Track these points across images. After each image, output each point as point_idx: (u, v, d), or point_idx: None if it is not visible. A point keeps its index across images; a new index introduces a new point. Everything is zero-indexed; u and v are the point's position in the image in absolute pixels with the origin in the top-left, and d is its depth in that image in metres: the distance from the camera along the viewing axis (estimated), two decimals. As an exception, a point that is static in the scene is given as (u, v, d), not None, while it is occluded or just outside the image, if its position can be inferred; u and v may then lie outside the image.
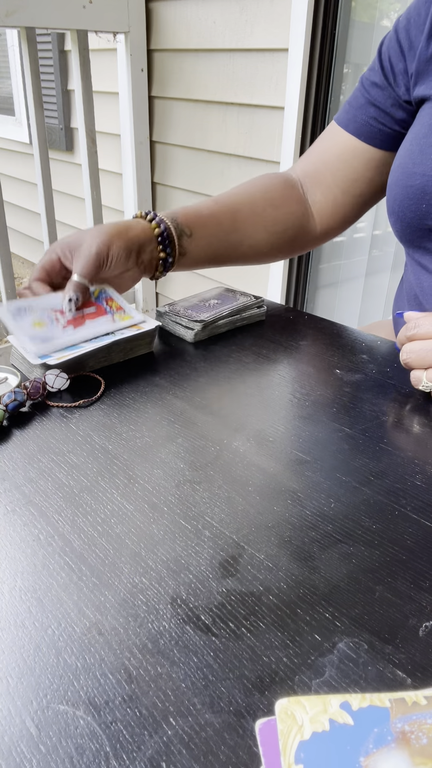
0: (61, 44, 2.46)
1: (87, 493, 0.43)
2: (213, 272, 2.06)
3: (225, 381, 0.59)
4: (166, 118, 2.02)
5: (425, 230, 0.65)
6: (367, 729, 0.27)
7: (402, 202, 0.66)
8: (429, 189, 0.62)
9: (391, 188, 0.68)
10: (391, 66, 0.69)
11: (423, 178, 0.63)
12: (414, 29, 0.66)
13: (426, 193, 0.63)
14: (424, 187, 0.62)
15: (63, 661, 0.31)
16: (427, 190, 0.62)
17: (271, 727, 0.27)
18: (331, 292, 1.88)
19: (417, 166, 0.63)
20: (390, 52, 0.69)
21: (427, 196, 0.63)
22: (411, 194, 0.64)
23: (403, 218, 0.67)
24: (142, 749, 0.27)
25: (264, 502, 0.42)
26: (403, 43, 0.67)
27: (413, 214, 0.65)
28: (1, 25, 1.54)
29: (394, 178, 0.67)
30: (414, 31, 0.66)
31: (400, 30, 0.68)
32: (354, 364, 0.62)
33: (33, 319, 0.60)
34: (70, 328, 0.60)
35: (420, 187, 0.63)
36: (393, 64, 0.69)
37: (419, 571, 0.37)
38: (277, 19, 1.58)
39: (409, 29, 0.66)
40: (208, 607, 0.34)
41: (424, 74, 0.65)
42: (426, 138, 0.63)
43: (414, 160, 0.64)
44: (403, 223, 0.67)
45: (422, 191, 0.63)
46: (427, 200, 0.63)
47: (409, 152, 0.65)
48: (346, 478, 0.45)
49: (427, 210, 0.63)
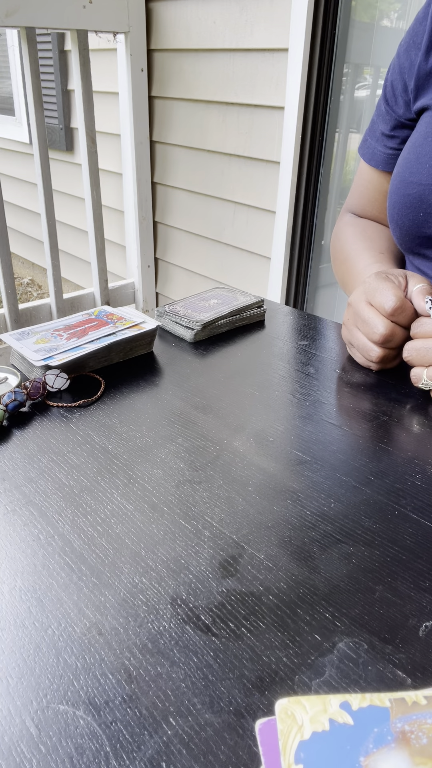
0: (61, 44, 2.46)
1: (87, 493, 0.43)
2: (213, 272, 2.06)
3: (225, 381, 0.59)
4: (166, 118, 2.02)
5: (423, 238, 0.65)
6: (367, 729, 0.27)
7: (400, 210, 0.66)
8: (426, 198, 0.63)
9: (391, 196, 0.68)
10: (392, 89, 0.71)
11: (419, 188, 0.63)
12: (413, 49, 0.67)
13: (423, 201, 0.63)
14: (421, 195, 0.63)
15: (63, 661, 0.31)
16: (424, 198, 0.63)
17: (271, 727, 0.27)
18: (331, 292, 1.88)
19: (413, 175, 0.64)
20: (393, 76, 0.71)
21: (424, 205, 0.63)
22: (408, 203, 0.65)
23: (401, 226, 0.67)
24: (142, 749, 0.27)
25: (264, 502, 0.42)
26: (403, 65, 0.68)
27: (411, 222, 0.65)
28: (1, 25, 1.54)
29: (393, 187, 0.68)
30: (413, 50, 0.67)
31: (402, 54, 0.69)
32: (354, 364, 0.62)
33: (36, 338, 0.61)
34: (74, 340, 0.61)
35: (417, 195, 0.63)
36: (394, 87, 0.70)
37: (419, 571, 0.37)
38: (277, 19, 1.58)
39: (410, 50, 0.68)
40: (208, 607, 0.34)
41: (424, 87, 0.66)
42: (422, 147, 0.64)
43: (411, 169, 0.65)
44: (402, 230, 0.67)
45: (419, 200, 0.63)
46: (424, 209, 0.63)
47: (407, 161, 0.66)
48: (346, 478, 0.45)
49: (424, 218, 0.64)
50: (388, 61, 1.55)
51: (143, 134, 2.04)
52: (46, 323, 0.65)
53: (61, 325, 0.64)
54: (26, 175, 3.07)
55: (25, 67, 1.64)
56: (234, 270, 1.99)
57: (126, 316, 0.66)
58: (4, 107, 3.16)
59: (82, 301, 2.04)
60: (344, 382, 0.59)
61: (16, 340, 0.61)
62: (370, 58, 1.57)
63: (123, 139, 2.08)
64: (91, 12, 1.71)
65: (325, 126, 1.66)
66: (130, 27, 1.86)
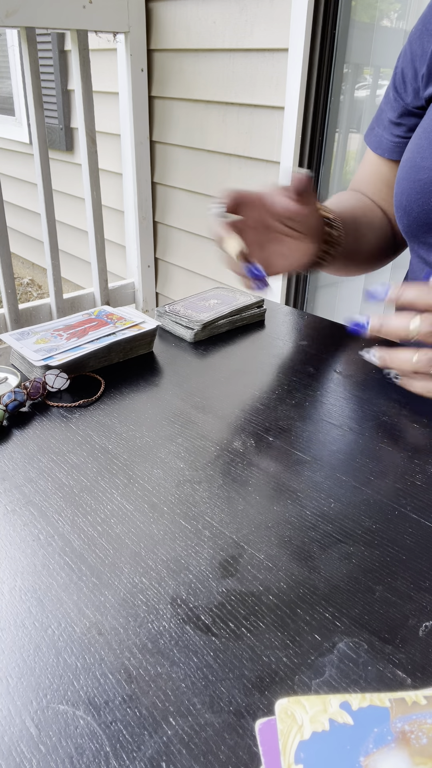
0: (61, 44, 2.46)
1: (87, 493, 0.43)
2: (213, 272, 2.06)
3: (225, 381, 0.59)
4: (166, 118, 2.02)
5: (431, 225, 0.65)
6: (367, 729, 0.27)
7: (410, 196, 0.65)
8: None
9: (399, 182, 0.67)
10: (402, 77, 0.70)
11: (430, 172, 0.62)
12: (426, 36, 0.66)
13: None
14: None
15: (63, 661, 0.31)
16: None
17: (271, 727, 0.27)
18: (331, 292, 1.88)
19: (425, 159, 0.63)
20: (403, 63, 0.70)
21: None
22: (419, 188, 0.64)
23: (410, 213, 0.66)
24: (142, 749, 0.27)
25: (264, 502, 0.42)
26: (415, 52, 0.68)
27: (420, 208, 0.64)
28: (1, 25, 1.54)
29: (402, 173, 0.67)
30: (426, 37, 0.66)
31: (414, 41, 0.69)
32: (354, 364, 0.62)
33: (36, 338, 0.61)
34: (74, 340, 0.60)
35: (428, 181, 0.62)
36: (404, 74, 0.70)
37: (419, 571, 0.37)
38: (277, 19, 1.58)
39: (423, 37, 0.67)
40: (208, 607, 0.34)
41: None
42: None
43: (423, 154, 0.64)
44: (410, 217, 0.67)
45: (430, 185, 0.62)
46: None
47: (418, 146, 0.65)
48: (346, 478, 0.45)
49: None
50: (388, 61, 1.56)
51: (143, 134, 2.04)
52: (46, 323, 0.65)
53: (61, 325, 0.64)
54: (26, 175, 3.07)
55: (25, 67, 1.64)
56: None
57: (126, 316, 0.66)
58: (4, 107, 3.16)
59: (82, 301, 2.04)
60: (344, 382, 0.59)
61: (16, 340, 0.61)
62: (370, 58, 1.57)
63: (123, 139, 2.08)
64: (91, 12, 1.71)
65: (325, 126, 1.66)
66: (130, 27, 1.86)
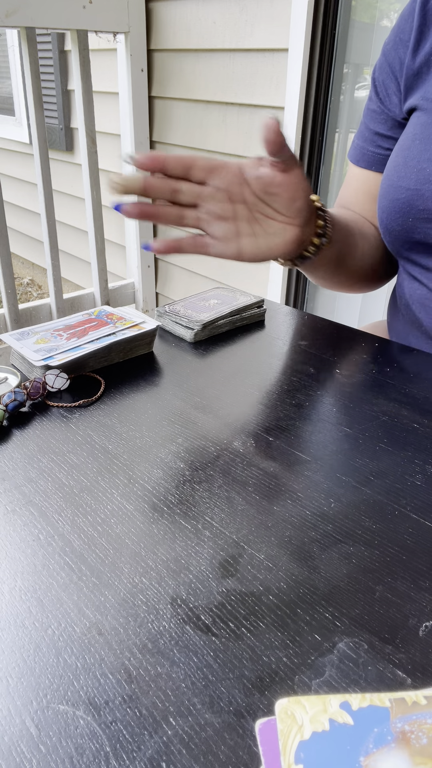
0: (61, 44, 2.46)
1: (87, 493, 0.43)
2: (213, 272, 2.06)
3: (225, 381, 0.59)
4: (166, 118, 2.02)
5: (413, 243, 0.64)
6: (367, 729, 0.27)
7: (390, 215, 0.65)
8: (415, 203, 0.61)
9: (380, 201, 0.67)
10: (384, 88, 0.69)
11: (408, 192, 0.62)
12: (401, 47, 0.66)
13: (412, 207, 0.62)
14: (410, 200, 0.62)
15: (63, 661, 0.31)
16: (412, 204, 0.61)
17: (271, 727, 0.27)
18: (331, 293, 1.88)
19: (402, 179, 0.63)
20: (382, 75, 0.69)
21: (413, 210, 0.62)
22: (398, 208, 0.63)
23: (391, 231, 0.66)
24: (142, 749, 0.27)
25: (264, 502, 0.42)
26: (392, 63, 0.67)
27: (400, 227, 0.64)
28: (1, 25, 1.54)
29: (382, 191, 0.67)
30: (401, 48, 0.66)
31: (388, 52, 0.68)
32: (354, 364, 0.62)
33: (36, 338, 0.61)
34: (74, 340, 0.60)
35: (406, 201, 0.62)
36: (386, 86, 0.69)
37: (419, 571, 0.37)
38: (277, 19, 1.58)
39: (397, 48, 0.67)
40: (208, 607, 0.34)
41: (413, 87, 0.65)
42: (409, 150, 0.62)
43: (399, 173, 0.63)
44: (392, 235, 0.66)
45: (408, 205, 0.62)
46: (413, 214, 0.62)
47: (395, 165, 0.64)
48: (346, 478, 0.45)
49: (413, 224, 0.62)
50: (388, 61, 1.55)
51: (143, 134, 2.04)
52: (46, 323, 0.65)
53: (61, 325, 0.64)
54: (26, 175, 3.07)
55: (25, 67, 1.64)
56: (234, 270, 1.99)
57: (126, 316, 0.66)
58: (4, 107, 3.16)
59: (82, 301, 2.04)
60: (344, 382, 0.59)
61: (16, 340, 0.61)
62: (370, 58, 1.57)
63: (123, 139, 2.08)
64: (91, 12, 1.71)
65: (325, 126, 1.66)
66: (130, 27, 1.86)
